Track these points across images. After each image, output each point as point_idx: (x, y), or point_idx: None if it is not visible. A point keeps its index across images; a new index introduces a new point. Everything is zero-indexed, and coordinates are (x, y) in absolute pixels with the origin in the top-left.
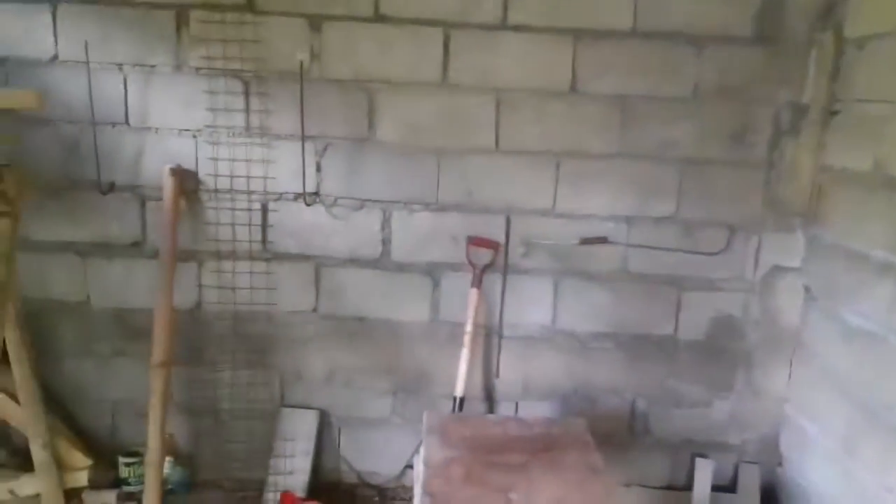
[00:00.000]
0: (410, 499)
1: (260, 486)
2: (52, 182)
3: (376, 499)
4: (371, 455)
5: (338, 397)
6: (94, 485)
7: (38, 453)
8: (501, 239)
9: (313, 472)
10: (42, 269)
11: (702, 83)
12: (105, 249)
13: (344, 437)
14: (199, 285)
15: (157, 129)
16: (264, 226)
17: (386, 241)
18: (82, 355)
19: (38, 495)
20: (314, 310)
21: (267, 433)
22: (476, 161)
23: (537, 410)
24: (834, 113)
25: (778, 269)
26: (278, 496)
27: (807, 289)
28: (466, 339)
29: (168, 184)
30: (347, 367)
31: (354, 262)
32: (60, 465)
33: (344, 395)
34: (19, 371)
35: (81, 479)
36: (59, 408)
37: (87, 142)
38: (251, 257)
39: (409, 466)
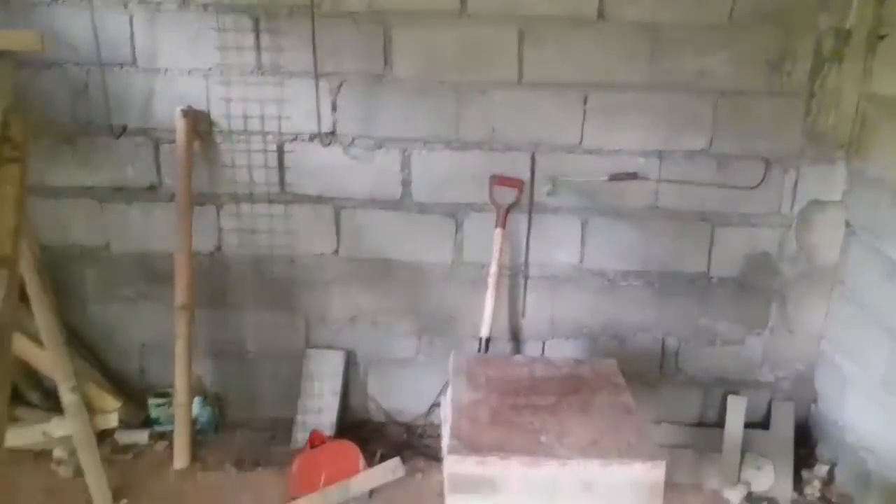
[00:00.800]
0: (438, 436)
1: (289, 426)
2: (62, 126)
3: (404, 436)
4: (398, 394)
5: (363, 338)
6: (126, 425)
7: (66, 396)
8: (526, 177)
9: (341, 410)
10: (61, 215)
11: (738, 8)
12: (122, 194)
13: (371, 376)
14: (219, 228)
15: (166, 69)
16: (281, 167)
17: (406, 182)
18: (107, 300)
19: (70, 436)
20: (335, 252)
21: (294, 374)
22: (498, 95)
23: (564, 350)
24: (881, 37)
25: (816, 204)
26: (307, 434)
27: (847, 224)
28: (491, 280)
29: (180, 126)
30: (371, 308)
31: (375, 203)
32: (91, 408)
33: (369, 336)
34: (42, 317)
35: (112, 420)
36: (88, 352)
37: (96, 84)
38: (269, 200)
39: (436, 404)
